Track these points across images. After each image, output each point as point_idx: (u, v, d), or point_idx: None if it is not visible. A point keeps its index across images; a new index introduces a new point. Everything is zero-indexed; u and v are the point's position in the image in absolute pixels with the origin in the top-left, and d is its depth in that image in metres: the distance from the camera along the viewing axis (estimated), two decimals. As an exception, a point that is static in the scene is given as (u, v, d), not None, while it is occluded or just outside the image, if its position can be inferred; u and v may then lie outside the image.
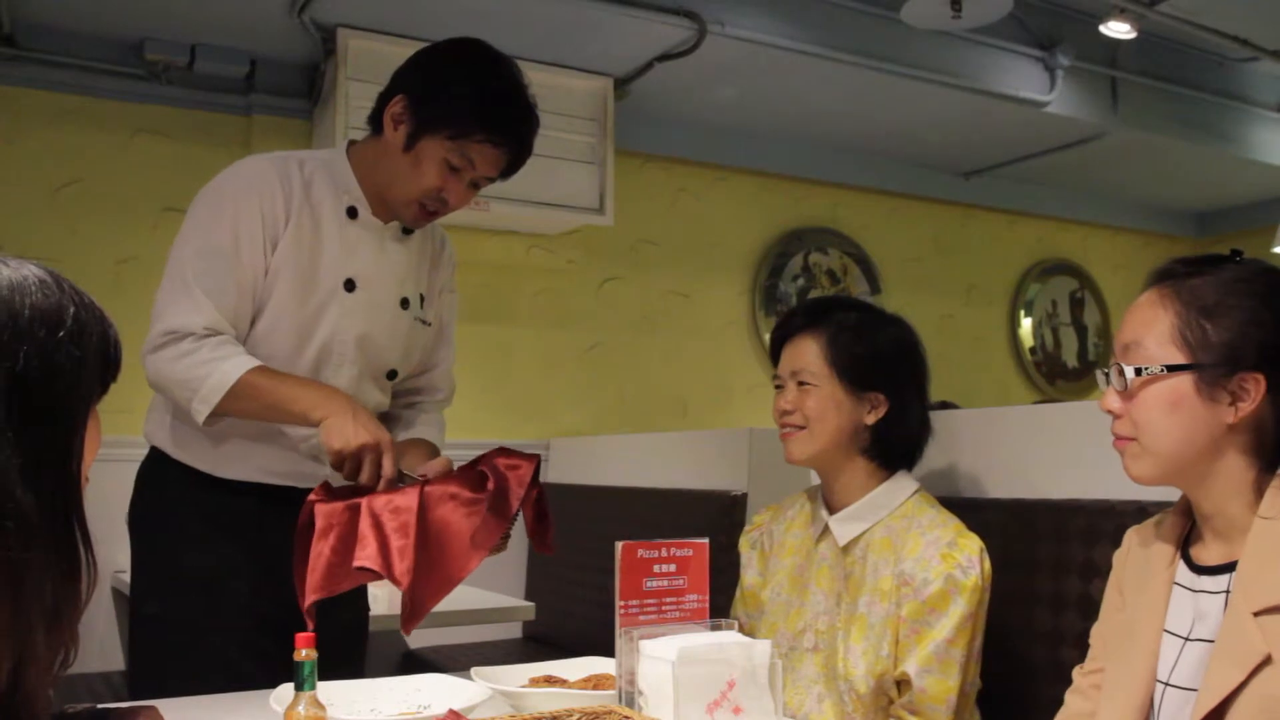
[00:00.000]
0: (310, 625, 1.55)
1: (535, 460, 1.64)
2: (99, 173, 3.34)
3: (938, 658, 1.60)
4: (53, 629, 0.85)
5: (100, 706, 1.13)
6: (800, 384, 1.76)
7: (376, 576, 1.55)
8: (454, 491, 1.59)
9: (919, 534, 1.67)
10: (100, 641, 3.02)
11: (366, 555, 1.53)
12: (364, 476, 1.62)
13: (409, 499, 1.56)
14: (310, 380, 1.76)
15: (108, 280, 3.27)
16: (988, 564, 1.63)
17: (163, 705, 1.21)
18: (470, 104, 1.73)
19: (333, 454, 1.62)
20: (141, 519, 1.88)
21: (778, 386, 1.81)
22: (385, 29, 3.28)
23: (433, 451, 1.91)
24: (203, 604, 1.77)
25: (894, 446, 1.77)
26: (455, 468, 1.69)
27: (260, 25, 3.27)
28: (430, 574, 1.53)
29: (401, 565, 1.52)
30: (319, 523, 1.54)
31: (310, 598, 1.53)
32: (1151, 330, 1.25)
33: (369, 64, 3.26)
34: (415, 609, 1.54)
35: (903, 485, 1.76)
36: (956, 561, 1.61)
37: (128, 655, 1.85)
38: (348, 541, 1.54)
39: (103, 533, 0.98)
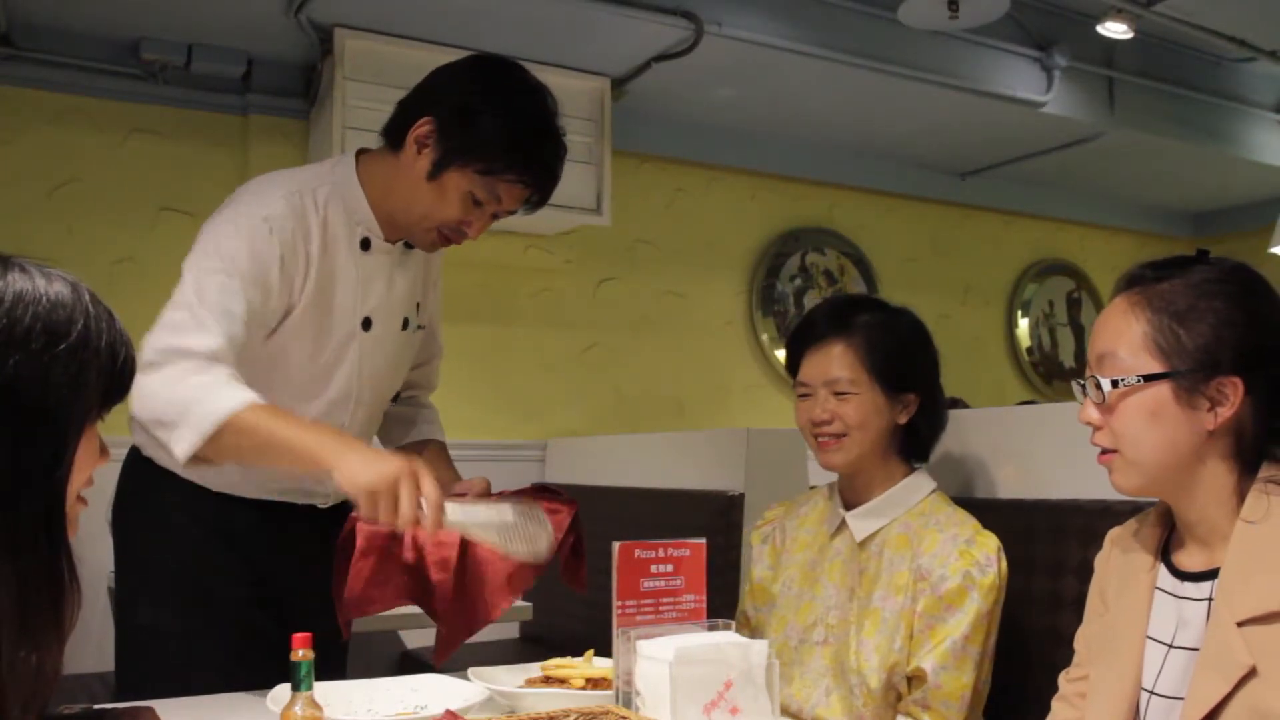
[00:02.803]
0: (346, 635, 1.59)
1: (574, 507, 1.65)
2: (95, 173, 3.33)
3: (954, 654, 1.59)
4: (28, 650, 0.83)
5: (97, 707, 1.13)
6: (837, 394, 1.72)
7: (410, 603, 1.57)
8: None
9: (937, 530, 1.67)
10: (97, 642, 3.01)
11: (405, 585, 1.55)
12: (404, 510, 1.43)
13: (452, 534, 1.57)
14: (314, 422, 1.61)
15: (104, 280, 3.25)
16: (1004, 563, 1.63)
17: (159, 705, 1.21)
18: (504, 141, 1.63)
19: (362, 492, 1.43)
20: (128, 523, 1.80)
21: (803, 395, 1.77)
22: (382, 29, 3.28)
23: (446, 453, 1.90)
24: (194, 615, 1.71)
25: (919, 441, 1.78)
26: (491, 490, 1.69)
27: (257, 25, 3.27)
28: (463, 612, 1.55)
29: (438, 599, 1.54)
30: (359, 541, 1.53)
31: (345, 616, 1.55)
32: (1124, 339, 1.23)
33: (366, 64, 3.25)
34: (446, 644, 1.56)
35: (921, 484, 1.76)
36: (974, 559, 1.62)
37: (115, 662, 1.80)
38: (385, 566, 1.54)
39: (100, 530, 0.98)
